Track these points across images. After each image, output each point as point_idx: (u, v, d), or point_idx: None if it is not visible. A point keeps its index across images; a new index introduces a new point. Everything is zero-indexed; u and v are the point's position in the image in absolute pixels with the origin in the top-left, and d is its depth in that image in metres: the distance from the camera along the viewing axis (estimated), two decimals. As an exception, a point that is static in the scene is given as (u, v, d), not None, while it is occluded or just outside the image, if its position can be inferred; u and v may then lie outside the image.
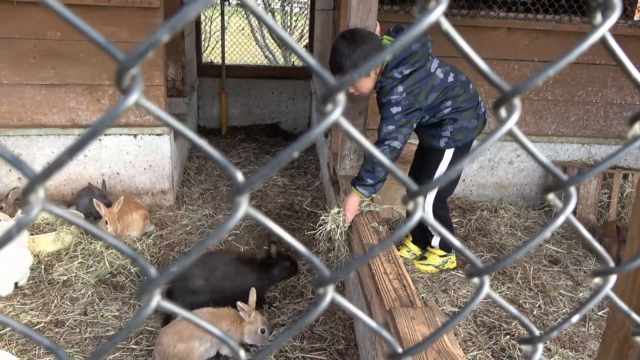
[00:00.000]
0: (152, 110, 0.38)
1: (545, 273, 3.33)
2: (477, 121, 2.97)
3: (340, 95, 0.39)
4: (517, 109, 0.45)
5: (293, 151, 0.39)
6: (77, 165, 3.99)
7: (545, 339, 0.55)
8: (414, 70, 2.77)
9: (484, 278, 0.51)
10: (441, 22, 0.39)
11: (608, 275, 0.52)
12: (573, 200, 0.49)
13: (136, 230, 3.60)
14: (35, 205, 0.37)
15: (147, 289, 0.40)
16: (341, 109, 0.40)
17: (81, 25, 0.35)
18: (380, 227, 2.80)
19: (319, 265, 0.46)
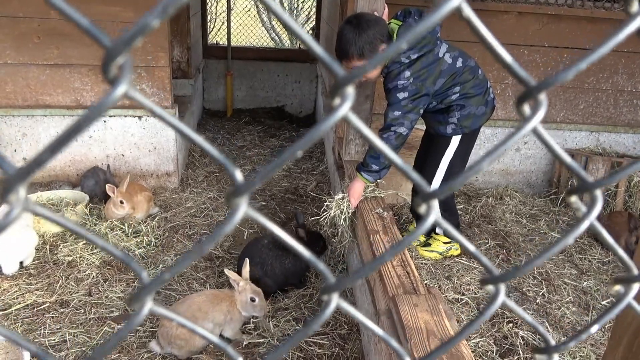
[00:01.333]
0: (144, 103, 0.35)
1: (549, 261, 3.30)
2: (486, 108, 2.92)
3: (349, 88, 0.36)
4: (543, 106, 0.41)
5: (297, 150, 0.36)
6: (81, 146, 3.97)
7: (561, 349, 0.53)
8: (422, 55, 2.71)
9: (499, 286, 0.48)
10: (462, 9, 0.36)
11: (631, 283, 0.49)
12: (598, 205, 0.46)
13: (140, 212, 3.59)
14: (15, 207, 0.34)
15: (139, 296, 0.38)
16: (350, 103, 0.36)
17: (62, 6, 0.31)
18: (384, 213, 2.77)
19: (325, 271, 0.43)
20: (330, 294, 0.43)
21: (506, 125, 4.32)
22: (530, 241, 3.55)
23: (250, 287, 2.43)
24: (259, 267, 2.76)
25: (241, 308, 2.43)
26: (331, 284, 0.43)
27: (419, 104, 2.74)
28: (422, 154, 3.22)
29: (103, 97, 0.33)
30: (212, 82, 6.73)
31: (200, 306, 2.37)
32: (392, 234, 2.55)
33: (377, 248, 2.39)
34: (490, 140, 4.37)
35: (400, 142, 2.80)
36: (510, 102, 4.29)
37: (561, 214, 4.02)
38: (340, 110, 0.37)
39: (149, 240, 3.36)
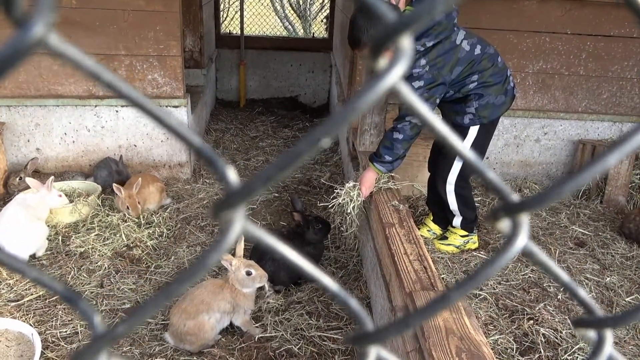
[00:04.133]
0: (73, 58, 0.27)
1: (570, 256, 3.20)
2: (505, 97, 2.82)
3: (405, 40, 0.27)
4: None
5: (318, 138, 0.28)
6: (94, 136, 3.95)
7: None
8: (438, 42, 2.62)
9: (604, 332, 0.38)
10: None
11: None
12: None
13: (153, 204, 3.56)
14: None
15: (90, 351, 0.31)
16: (405, 65, 0.28)
17: None
18: (400, 205, 2.70)
19: (359, 313, 0.35)
20: (366, 345, 0.35)
21: (526, 115, 4.20)
22: (550, 235, 3.45)
23: (243, 262, 2.37)
24: (271, 263, 2.71)
25: (240, 286, 2.36)
26: (368, 333, 0.35)
27: (435, 93, 2.66)
28: (439, 145, 3.13)
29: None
30: (225, 72, 6.68)
31: (202, 299, 2.32)
32: (408, 227, 2.48)
33: (393, 242, 2.32)
34: (509, 131, 4.26)
35: (416, 133, 2.72)
36: (530, 92, 4.17)
37: (582, 207, 3.91)
38: (388, 76, 0.28)
39: (161, 231, 3.34)
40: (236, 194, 0.28)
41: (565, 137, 4.30)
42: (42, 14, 0.24)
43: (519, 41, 3.98)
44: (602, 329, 0.38)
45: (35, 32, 0.23)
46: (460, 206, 3.05)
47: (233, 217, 0.29)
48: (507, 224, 0.36)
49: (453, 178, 2.98)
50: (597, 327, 0.38)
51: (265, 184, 0.28)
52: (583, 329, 0.39)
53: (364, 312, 0.35)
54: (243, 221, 0.29)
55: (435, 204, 3.25)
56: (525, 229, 0.35)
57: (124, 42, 3.69)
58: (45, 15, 0.24)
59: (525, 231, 0.35)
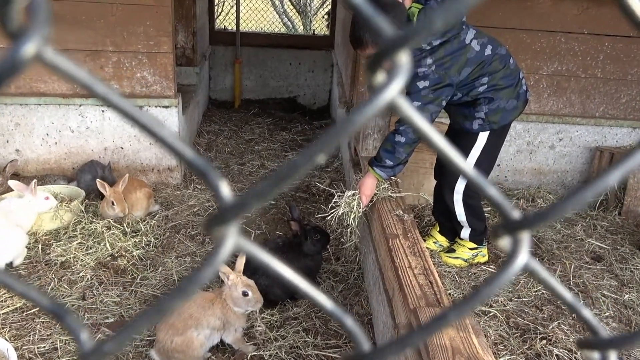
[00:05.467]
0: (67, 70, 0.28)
1: (587, 271, 3.20)
2: (517, 101, 2.83)
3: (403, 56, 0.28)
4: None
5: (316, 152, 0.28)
6: (78, 137, 3.96)
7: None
8: (445, 40, 2.64)
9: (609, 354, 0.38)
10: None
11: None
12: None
13: (140, 210, 3.57)
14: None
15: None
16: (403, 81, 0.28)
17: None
18: (405, 215, 2.70)
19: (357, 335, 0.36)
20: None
21: (540, 120, 4.21)
22: (565, 248, 3.45)
23: (242, 280, 2.36)
24: (265, 277, 2.70)
25: (233, 304, 2.35)
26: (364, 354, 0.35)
27: (441, 95, 2.67)
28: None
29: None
30: (219, 71, 6.70)
31: (191, 313, 2.32)
32: (413, 239, 2.48)
33: (396, 254, 2.32)
34: (521, 137, 4.27)
35: (418, 137, 2.72)
36: (544, 95, 4.18)
37: (599, 219, 3.91)
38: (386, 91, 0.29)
39: (148, 240, 3.33)
40: (229, 210, 0.29)
41: (582, 143, 4.31)
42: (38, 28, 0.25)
43: (533, 41, 4.00)
44: (607, 350, 0.38)
45: (31, 46, 0.24)
46: (468, 217, 3.05)
47: (226, 233, 0.29)
48: (508, 241, 0.36)
49: (461, 187, 2.98)
50: (602, 348, 0.38)
51: (259, 199, 0.28)
52: (587, 350, 0.39)
53: (360, 330, 0.36)
54: (236, 237, 0.30)
55: (442, 214, 3.25)
56: (525, 247, 0.35)
57: (112, 37, 3.71)
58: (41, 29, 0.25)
59: (525, 249, 0.36)
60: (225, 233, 0.29)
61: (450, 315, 0.35)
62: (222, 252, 0.29)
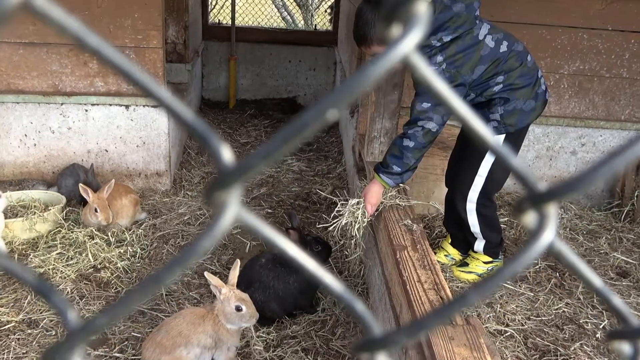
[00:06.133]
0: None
1: (612, 287, 3.20)
2: (535, 102, 2.84)
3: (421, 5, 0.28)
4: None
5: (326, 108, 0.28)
6: (59, 139, 3.97)
7: None
8: (457, 36, 2.65)
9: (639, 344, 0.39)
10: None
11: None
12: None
13: (125, 218, 3.57)
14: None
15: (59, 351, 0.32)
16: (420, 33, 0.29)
17: None
18: (414, 225, 2.71)
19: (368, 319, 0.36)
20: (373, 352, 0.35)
21: (560, 123, 4.22)
22: (588, 263, 3.45)
23: (235, 293, 2.36)
24: (260, 292, 2.70)
25: (225, 320, 2.35)
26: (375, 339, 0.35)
27: None
28: (458, 156, 3.14)
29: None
30: (213, 68, 6.73)
31: (180, 330, 2.32)
32: (422, 251, 2.48)
33: (404, 267, 2.32)
34: (540, 141, 4.28)
35: (429, 140, 2.73)
36: (565, 96, 4.19)
37: (625, 231, 3.91)
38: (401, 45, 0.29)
39: (134, 251, 3.34)
40: (231, 173, 0.29)
41: (606, 148, 4.31)
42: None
43: (553, 37, 4.02)
44: (638, 340, 0.39)
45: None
46: (482, 228, 3.05)
47: (227, 199, 0.30)
48: (533, 217, 0.36)
49: (474, 195, 2.98)
50: (632, 338, 0.39)
51: (263, 160, 0.29)
52: (617, 341, 0.40)
53: (370, 315, 0.36)
54: (238, 206, 0.30)
55: (454, 225, 3.25)
56: (552, 223, 0.36)
57: (97, 30, 3.71)
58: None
59: (552, 225, 0.36)
60: (226, 199, 0.30)
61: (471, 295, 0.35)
62: (223, 220, 0.29)
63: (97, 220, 3.37)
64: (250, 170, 0.29)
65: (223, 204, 0.30)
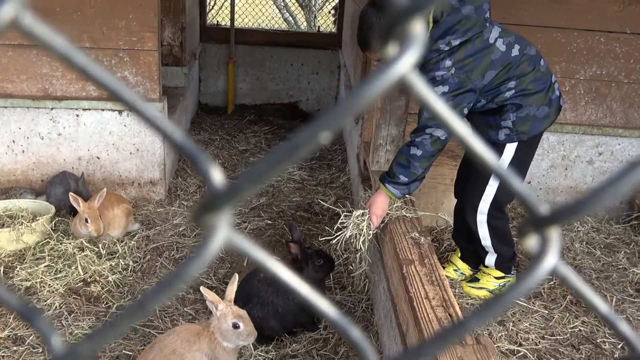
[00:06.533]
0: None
1: (631, 305, 3.18)
2: (549, 108, 2.84)
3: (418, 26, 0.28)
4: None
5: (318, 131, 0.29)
6: (48, 145, 3.98)
7: None
8: (466, 40, 2.66)
9: None
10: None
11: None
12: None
13: (117, 229, 3.57)
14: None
15: None
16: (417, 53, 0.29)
17: None
18: (421, 238, 2.70)
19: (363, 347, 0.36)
20: None
21: (576, 131, 4.22)
22: (606, 278, 3.43)
23: (233, 310, 2.35)
24: (259, 308, 2.70)
25: (222, 338, 2.34)
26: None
27: (462, 102, 2.68)
28: (468, 165, 3.14)
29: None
30: (211, 71, 6.75)
31: (174, 348, 2.31)
32: (430, 265, 2.48)
33: (411, 283, 2.31)
34: (555, 150, 4.27)
35: (437, 148, 2.73)
36: (581, 103, 4.19)
37: (645, 245, 3.89)
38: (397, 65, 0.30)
39: (126, 263, 3.33)
40: (221, 196, 0.29)
41: (625, 158, 4.30)
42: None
43: (568, 41, 4.03)
44: None
45: (8, 9, 0.25)
46: (494, 241, 3.05)
47: (216, 222, 0.30)
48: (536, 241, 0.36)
49: (485, 206, 2.98)
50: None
51: (255, 183, 0.29)
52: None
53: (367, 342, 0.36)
54: (227, 229, 0.30)
55: (463, 238, 3.24)
56: (555, 246, 0.36)
57: (89, 32, 3.75)
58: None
59: (554, 249, 0.36)
60: (215, 223, 0.30)
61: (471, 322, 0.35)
62: (212, 243, 0.29)
63: (88, 231, 3.37)
64: (240, 193, 0.29)
65: (212, 228, 0.30)
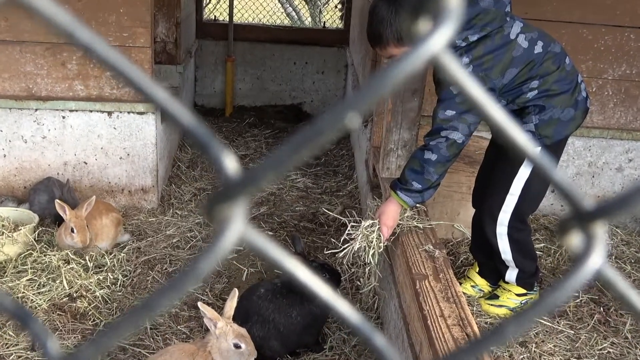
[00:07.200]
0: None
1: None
2: (575, 110, 2.84)
3: None
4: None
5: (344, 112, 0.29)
6: (32, 149, 4.00)
7: None
8: (485, 35, 2.66)
9: None
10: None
11: None
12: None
13: (105, 240, 3.58)
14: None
15: None
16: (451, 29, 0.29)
17: None
18: (436, 251, 2.70)
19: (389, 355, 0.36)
20: None
21: (604, 135, 4.21)
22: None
23: (233, 328, 2.35)
24: (259, 327, 2.69)
25: (221, 358, 2.34)
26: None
27: None
28: (488, 171, 3.14)
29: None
30: (208, 70, 6.77)
31: None
32: (446, 281, 2.47)
33: (425, 299, 2.31)
34: (581, 156, 4.26)
35: (453, 153, 2.73)
36: (610, 105, 4.19)
37: (680, 260, 3.87)
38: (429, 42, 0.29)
39: (115, 277, 3.34)
40: (236, 185, 0.29)
41: (657, 165, 4.29)
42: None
43: (595, 38, 4.03)
44: None
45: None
46: (515, 255, 3.04)
47: (231, 214, 0.30)
48: (579, 239, 0.36)
49: (506, 217, 2.97)
50: None
51: (273, 171, 0.29)
52: None
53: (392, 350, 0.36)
54: (243, 222, 0.30)
55: (482, 251, 3.23)
56: (601, 245, 0.35)
57: (77, 28, 3.77)
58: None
59: (601, 247, 0.36)
60: (230, 215, 0.30)
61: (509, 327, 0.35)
62: (226, 238, 0.29)
63: (73, 242, 3.37)
64: (257, 182, 0.29)
65: (226, 220, 0.30)
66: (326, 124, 0.28)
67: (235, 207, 0.30)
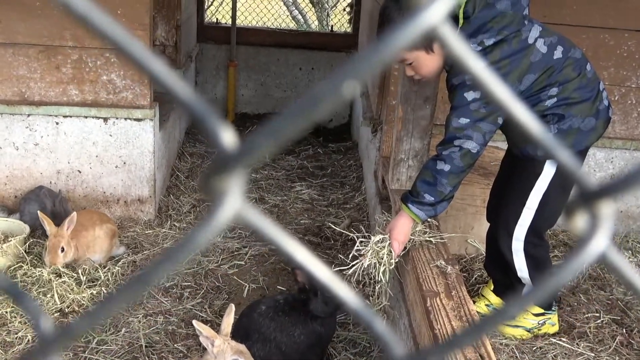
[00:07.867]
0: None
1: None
2: (596, 120, 2.84)
3: None
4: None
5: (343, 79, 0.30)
6: (23, 156, 4.02)
7: None
8: (502, 39, 2.67)
9: None
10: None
11: None
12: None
13: (99, 253, 3.59)
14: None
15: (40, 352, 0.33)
16: None
17: None
18: (448, 267, 2.70)
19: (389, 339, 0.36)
20: None
21: (627, 146, 4.21)
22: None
23: (231, 345, 2.35)
24: (260, 346, 2.69)
25: None
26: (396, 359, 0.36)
27: (496, 110, 2.68)
28: (503, 183, 3.15)
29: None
30: (209, 75, 6.80)
31: None
32: (458, 299, 2.47)
33: (436, 318, 2.31)
34: (603, 168, 4.26)
35: (467, 163, 2.73)
36: (634, 114, 4.19)
37: None
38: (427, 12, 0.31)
39: (109, 292, 3.34)
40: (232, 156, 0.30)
41: (684, 179, 4.28)
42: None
43: (618, 43, 4.03)
44: None
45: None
46: (532, 272, 3.03)
47: (227, 186, 0.30)
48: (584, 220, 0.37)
49: (522, 231, 2.97)
50: None
51: (271, 140, 0.30)
52: None
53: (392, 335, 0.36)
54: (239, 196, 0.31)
55: (497, 268, 3.23)
56: (606, 225, 0.36)
57: (72, 29, 3.79)
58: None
59: (606, 228, 0.37)
60: (226, 187, 0.31)
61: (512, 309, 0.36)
62: (222, 212, 0.30)
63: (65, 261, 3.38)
64: (254, 152, 0.30)
65: (222, 194, 0.31)
66: (323, 92, 0.29)
67: (232, 179, 0.31)
